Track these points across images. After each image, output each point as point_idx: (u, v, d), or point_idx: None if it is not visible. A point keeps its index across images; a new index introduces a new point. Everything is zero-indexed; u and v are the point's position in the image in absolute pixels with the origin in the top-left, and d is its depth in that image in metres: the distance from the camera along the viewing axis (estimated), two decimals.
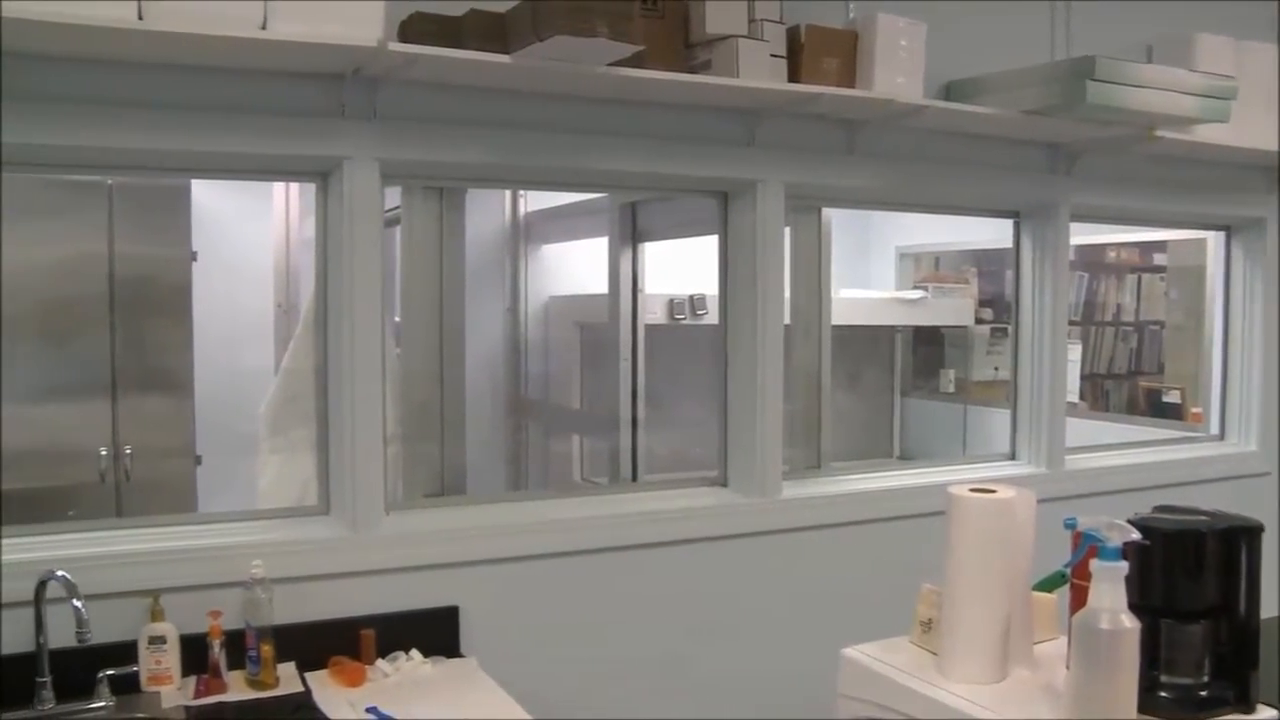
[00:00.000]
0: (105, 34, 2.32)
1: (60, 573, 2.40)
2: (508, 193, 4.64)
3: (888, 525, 3.47)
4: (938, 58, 3.23)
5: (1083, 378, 5.27)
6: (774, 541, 3.33)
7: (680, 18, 2.89)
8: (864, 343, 5.22)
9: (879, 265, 5.89)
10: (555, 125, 2.96)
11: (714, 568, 3.26)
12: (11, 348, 3.65)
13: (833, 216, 3.78)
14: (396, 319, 3.22)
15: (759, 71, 2.88)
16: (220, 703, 2.54)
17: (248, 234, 4.66)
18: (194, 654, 2.61)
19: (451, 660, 2.84)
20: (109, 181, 3.75)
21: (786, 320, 3.37)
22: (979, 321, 5.35)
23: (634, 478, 4.08)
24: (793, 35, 2.99)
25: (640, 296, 4.25)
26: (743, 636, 3.30)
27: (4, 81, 2.45)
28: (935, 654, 2.15)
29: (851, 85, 3.05)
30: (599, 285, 4.37)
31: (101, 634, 2.42)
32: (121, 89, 2.56)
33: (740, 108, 3.13)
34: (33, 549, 2.63)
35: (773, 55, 2.92)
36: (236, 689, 2.60)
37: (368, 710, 2.48)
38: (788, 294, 3.40)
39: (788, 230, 3.36)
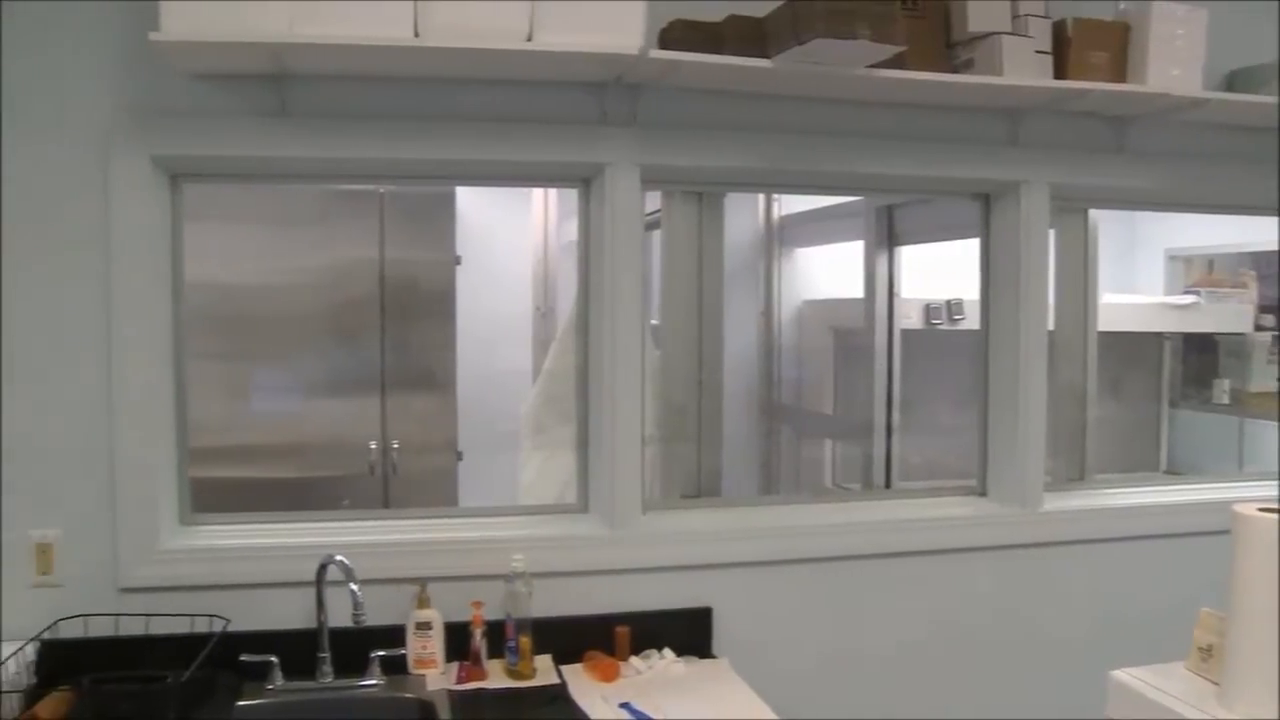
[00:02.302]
0: (384, 52, 2.46)
1: (339, 557, 2.55)
2: (761, 196, 4.63)
3: (1156, 543, 3.29)
4: (1220, 46, 3.02)
5: None
6: (1034, 555, 3.21)
7: (941, 17, 2.82)
8: (1130, 350, 4.95)
9: (1146, 268, 5.60)
10: (813, 128, 2.94)
11: (970, 579, 3.17)
12: (293, 347, 3.89)
13: (1099, 218, 3.61)
14: (654, 322, 3.26)
15: (1023, 69, 2.79)
16: (480, 689, 2.64)
17: (508, 239, 4.82)
18: (457, 641, 2.73)
19: (704, 660, 2.86)
20: (380, 190, 3.94)
21: (1050, 326, 3.24)
22: (1259, 329, 5.00)
23: (887, 484, 4.02)
24: (1059, 30, 2.87)
25: (896, 301, 4.18)
26: (998, 651, 3.20)
27: (286, 100, 2.64)
28: (1216, 683, 2.02)
29: (1122, 80, 2.90)
30: (853, 289, 4.31)
31: (374, 617, 2.55)
32: (394, 103, 2.72)
33: (1003, 107, 3.03)
34: (314, 534, 2.82)
35: (1038, 51, 2.82)
36: (495, 677, 2.70)
37: (621, 706, 2.52)
38: (1051, 299, 3.27)
39: (1052, 232, 3.23)
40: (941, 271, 4.11)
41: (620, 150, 2.81)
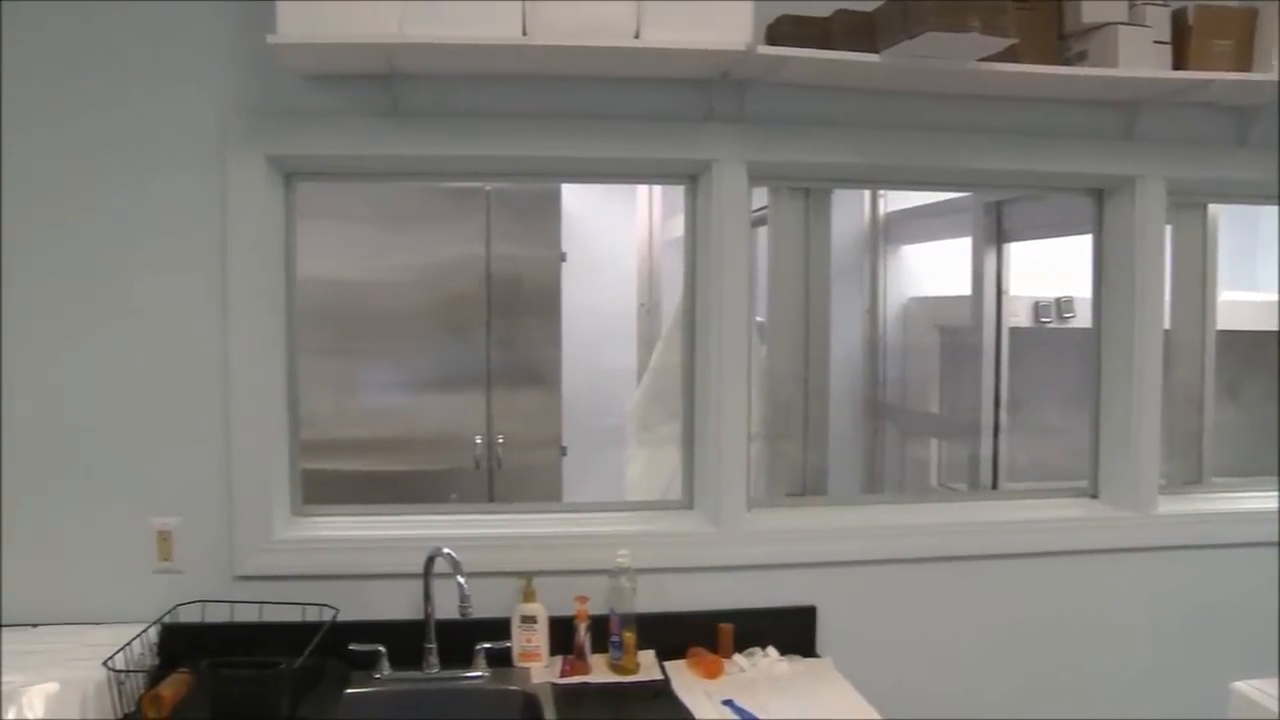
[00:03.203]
0: (493, 51, 2.49)
1: (446, 550, 2.59)
2: (867, 193, 4.59)
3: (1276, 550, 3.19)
4: None
5: None
6: (1147, 559, 3.13)
7: (1053, 9, 2.77)
8: (1251, 350, 4.80)
9: (1267, 265, 5.42)
10: (922, 123, 2.91)
11: (1080, 583, 3.10)
12: (401, 343, 3.94)
13: (1219, 212, 3.51)
14: (759, 319, 3.25)
15: (1140, 60, 2.72)
16: (584, 683, 2.66)
17: (613, 236, 4.84)
18: (561, 635, 2.75)
19: (807, 659, 2.84)
20: (486, 188, 3.98)
21: (1166, 324, 3.16)
22: None
23: (994, 485, 3.95)
24: (1179, 18, 2.79)
25: (1004, 299, 4.10)
26: (1106, 657, 3.13)
27: (397, 100, 2.68)
28: None
29: (1248, 69, 2.81)
30: (960, 287, 4.25)
31: (479, 609, 2.58)
32: (502, 101, 2.75)
33: (1118, 99, 2.96)
34: (421, 527, 2.87)
35: (1156, 42, 2.75)
36: (599, 671, 2.72)
37: (724, 703, 2.52)
38: (1168, 296, 3.18)
39: (1169, 229, 3.15)
40: (1053, 268, 4.03)
41: (727, 147, 2.81)
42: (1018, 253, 4.13)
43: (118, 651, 2.43)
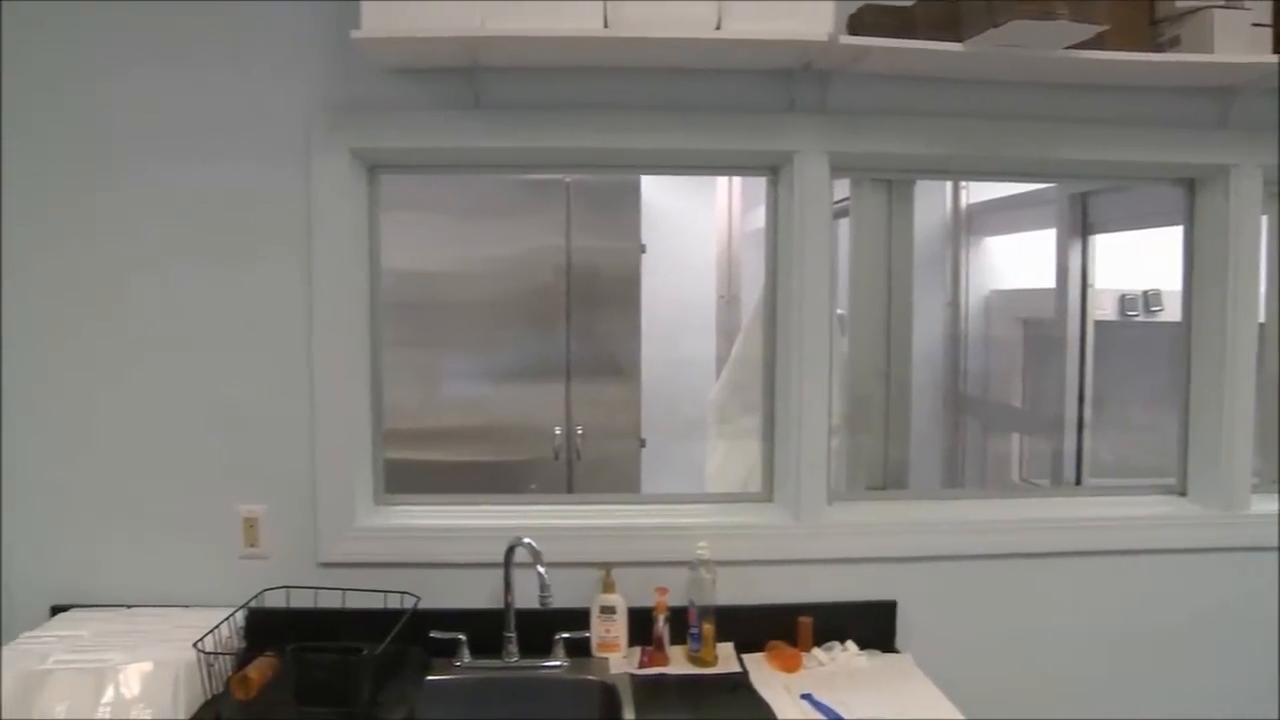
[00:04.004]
0: (575, 44, 2.50)
1: (527, 540, 2.61)
2: (949, 184, 4.53)
3: None
4: None
5: None
6: (1238, 560, 3.05)
7: None
8: None
9: None
10: (1006, 113, 2.86)
11: (1166, 582, 3.04)
12: (481, 334, 3.98)
13: None
14: (840, 311, 3.22)
15: (1237, 44, 2.64)
16: (662, 674, 2.66)
17: (692, 227, 4.83)
18: (639, 626, 2.76)
19: (886, 655, 2.82)
20: (566, 180, 3.99)
21: (1260, 318, 3.08)
22: None
23: (1078, 481, 3.88)
24: None
25: (1090, 292, 4.03)
26: (1192, 660, 3.07)
27: (481, 93, 2.71)
28: None
29: None
30: (1043, 280, 4.18)
31: (558, 599, 2.59)
32: (583, 94, 2.76)
33: (1212, 86, 2.88)
34: (501, 517, 2.90)
35: (1254, 25, 2.67)
36: (677, 663, 2.72)
37: (803, 698, 2.51)
38: (1262, 289, 3.10)
39: (1264, 219, 3.06)
40: (1140, 260, 3.94)
41: (809, 138, 2.79)
42: (1103, 244, 4.06)
43: (207, 634, 2.49)
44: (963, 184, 4.56)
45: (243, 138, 2.73)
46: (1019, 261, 4.62)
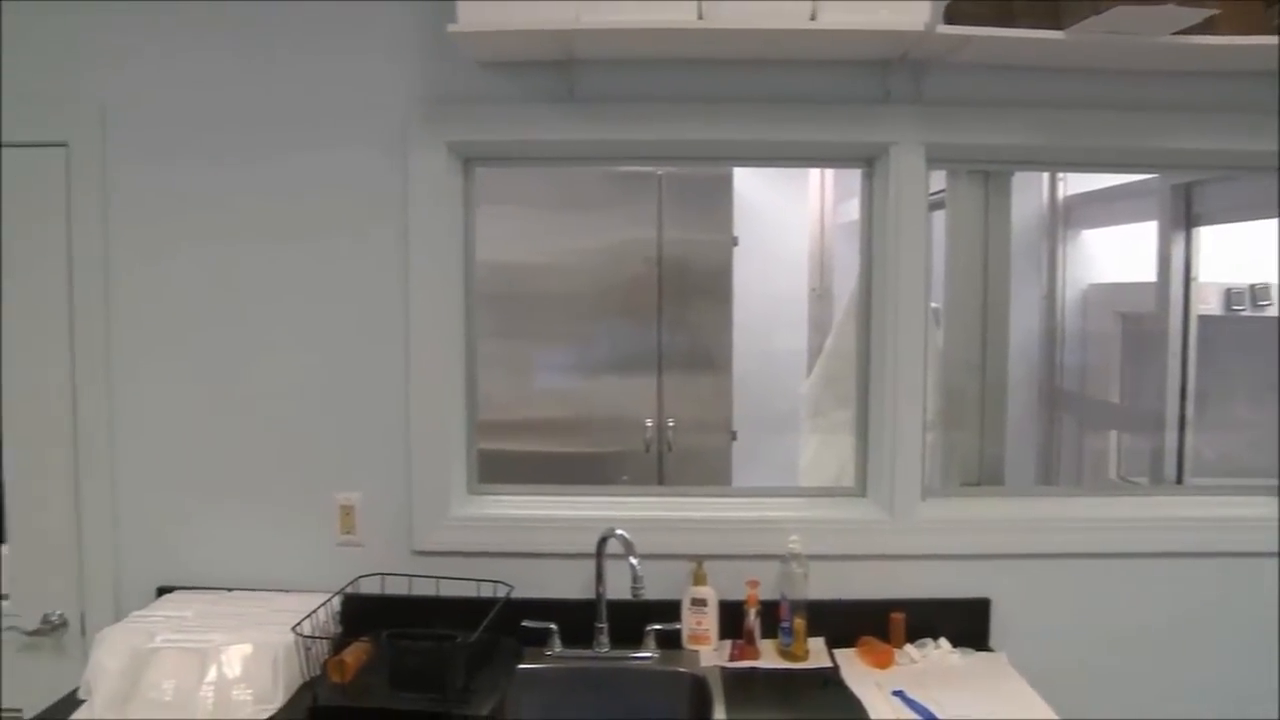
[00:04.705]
0: (669, 36, 2.50)
1: (619, 531, 2.62)
2: (1046, 176, 4.46)
3: None
4: None
5: None
6: None
7: None
8: None
9: None
10: (1107, 102, 2.79)
11: (1271, 586, 2.96)
12: (573, 326, 4.00)
13: None
14: (934, 305, 3.18)
15: None
16: (753, 668, 2.66)
17: (784, 220, 4.81)
18: (730, 619, 2.76)
19: (980, 653, 2.78)
20: (659, 172, 3.99)
21: None
22: None
23: (1178, 480, 3.79)
24: None
25: (1192, 285, 3.93)
26: None
27: (575, 86, 2.73)
28: None
29: None
30: (1143, 273, 4.09)
31: (649, 590, 2.60)
32: (677, 86, 2.76)
33: None
34: (592, 508, 2.91)
35: None
36: (768, 657, 2.71)
37: (894, 694, 2.48)
38: None
39: None
40: (1248, 253, 3.84)
41: (905, 129, 2.76)
42: (1208, 236, 3.96)
43: (305, 618, 2.54)
44: (1060, 175, 4.48)
45: (341, 132, 2.78)
46: (1118, 254, 4.53)
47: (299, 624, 2.51)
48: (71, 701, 2.43)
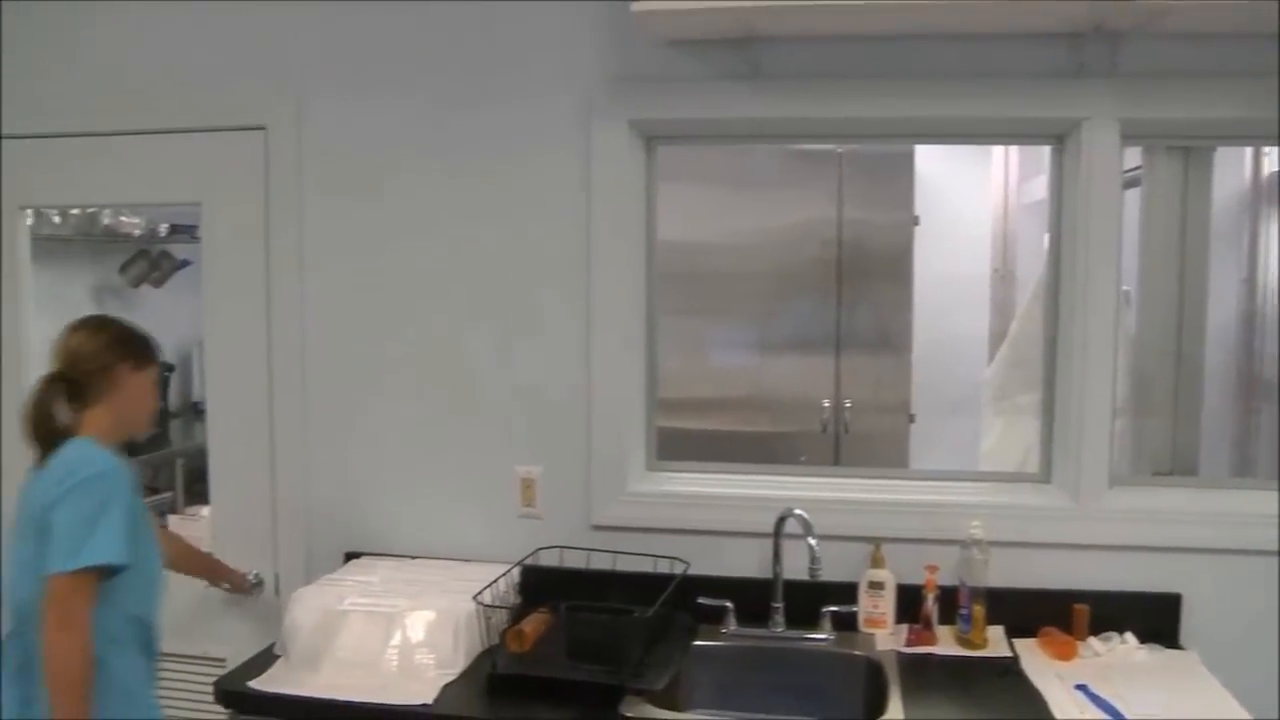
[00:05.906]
0: (852, 11, 2.46)
1: (798, 511, 2.61)
2: (1249, 150, 4.24)
3: None
4: None
5: None
6: None
7: None
8: None
9: None
10: None
11: None
12: (751, 305, 4.00)
13: None
14: (1125, 287, 3.08)
15: None
16: (929, 654, 2.62)
17: (966, 199, 4.70)
18: (907, 603, 2.72)
19: (1169, 650, 2.67)
20: (839, 150, 3.95)
21: None
22: None
23: None
24: None
25: None
26: None
27: (756, 63, 2.71)
28: None
29: None
30: None
31: (826, 572, 2.58)
32: (859, 62, 2.72)
33: None
34: (769, 487, 2.91)
35: None
36: (945, 643, 2.67)
37: (1077, 688, 2.41)
38: None
39: None
40: None
41: (1098, 104, 2.66)
42: None
43: (486, 588, 2.61)
44: (1265, 150, 4.25)
45: (528, 110, 2.84)
46: None
47: (480, 593, 2.58)
48: (269, 655, 2.56)
